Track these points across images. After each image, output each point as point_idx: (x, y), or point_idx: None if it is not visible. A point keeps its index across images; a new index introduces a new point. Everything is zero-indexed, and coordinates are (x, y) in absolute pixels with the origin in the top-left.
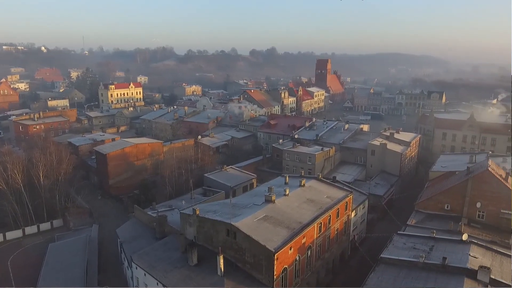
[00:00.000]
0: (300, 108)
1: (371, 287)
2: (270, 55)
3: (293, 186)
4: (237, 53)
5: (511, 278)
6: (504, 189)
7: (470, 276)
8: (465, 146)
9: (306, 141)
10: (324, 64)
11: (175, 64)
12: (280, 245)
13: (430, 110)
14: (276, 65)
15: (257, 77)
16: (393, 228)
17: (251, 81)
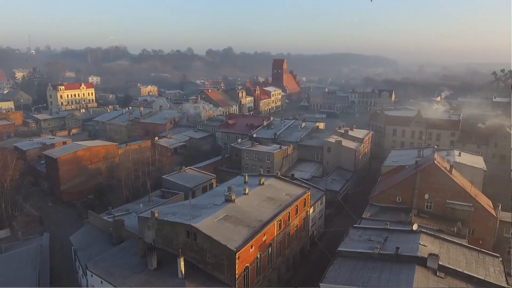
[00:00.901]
0: (257, 107)
1: (329, 280)
2: (227, 55)
3: (253, 185)
4: (193, 53)
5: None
6: (449, 180)
7: (420, 263)
8: (413, 141)
9: (264, 140)
10: (280, 64)
11: (129, 64)
12: (241, 244)
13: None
14: (233, 64)
15: (214, 77)
16: (349, 222)
17: (208, 81)
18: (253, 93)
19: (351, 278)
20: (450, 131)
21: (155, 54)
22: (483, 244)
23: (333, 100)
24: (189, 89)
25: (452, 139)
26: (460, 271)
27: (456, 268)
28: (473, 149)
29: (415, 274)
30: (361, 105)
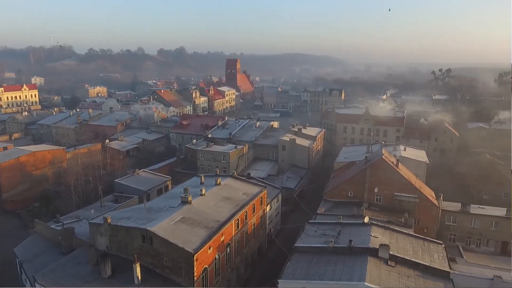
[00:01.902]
0: (212, 107)
1: (287, 276)
2: (179, 54)
3: (209, 185)
4: (144, 53)
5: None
6: (396, 174)
7: (372, 254)
8: (362, 138)
9: (219, 140)
10: (234, 64)
11: (76, 64)
12: (199, 245)
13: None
14: (186, 64)
15: (166, 77)
16: (305, 218)
17: (161, 81)
18: (207, 93)
19: (308, 272)
20: (395, 128)
21: (103, 53)
22: (428, 232)
23: (286, 99)
24: (141, 90)
25: (398, 135)
26: (408, 259)
27: (404, 256)
28: (417, 143)
29: (367, 265)
30: (313, 103)
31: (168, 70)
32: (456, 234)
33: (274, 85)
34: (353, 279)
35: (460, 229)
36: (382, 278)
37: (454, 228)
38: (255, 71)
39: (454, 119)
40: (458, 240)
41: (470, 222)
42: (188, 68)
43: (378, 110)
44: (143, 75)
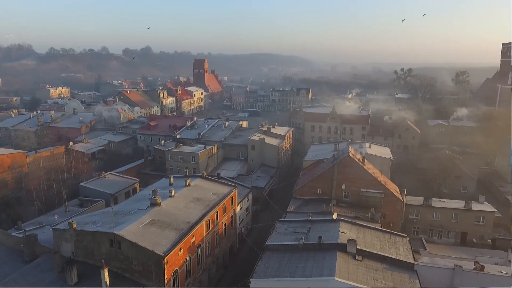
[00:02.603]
0: (180, 107)
1: (259, 275)
2: (146, 54)
3: (179, 186)
4: (108, 52)
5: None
6: (362, 171)
7: (341, 249)
8: (330, 136)
9: (188, 141)
10: (202, 64)
11: (36, 64)
12: (169, 247)
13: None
14: (152, 64)
15: (132, 77)
16: (275, 216)
17: (127, 81)
18: (175, 93)
19: (279, 270)
20: (361, 126)
21: (65, 53)
22: (393, 226)
23: (255, 99)
24: (106, 90)
25: (363, 133)
26: (375, 253)
27: (372, 250)
28: (381, 141)
29: (336, 260)
30: (282, 103)
31: (134, 70)
32: (419, 227)
33: (242, 85)
34: (323, 274)
35: (423, 222)
36: (350, 272)
37: (418, 221)
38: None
39: (416, 117)
40: (421, 232)
41: (432, 215)
42: (154, 68)
43: (344, 109)
44: (108, 75)
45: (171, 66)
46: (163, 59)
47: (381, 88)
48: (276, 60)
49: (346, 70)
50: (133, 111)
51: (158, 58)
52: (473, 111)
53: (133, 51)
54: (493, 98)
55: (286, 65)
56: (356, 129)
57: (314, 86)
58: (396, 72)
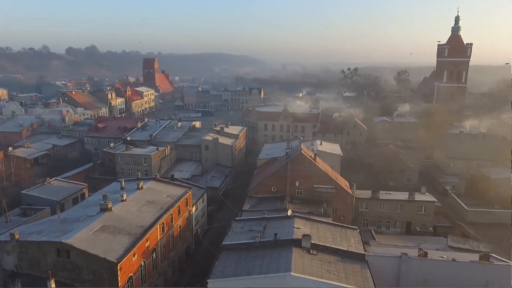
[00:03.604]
0: (130, 108)
1: (217, 275)
2: (91, 53)
3: (131, 190)
4: (50, 51)
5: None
6: (314, 167)
7: (296, 245)
8: (282, 134)
9: (140, 142)
10: (151, 63)
11: None
12: (122, 253)
13: (252, 104)
14: (98, 64)
15: (77, 78)
16: (231, 216)
17: (71, 82)
18: (124, 94)
19: (237, 269)
20: (312, 123)
21: (1, 52)
22: (344, 219)
23: (207, 98)
24: (48, 92)
25: (314, 130)
26: (328, 246)
27: (325, 244)
28: (331, 137)
29: (292, 255)
30: (234, 102)
31: (79, 70)
32: (368, 219)
33: (194, 85)
34: (279, 270)
35: (372, 214)
36: (306, 266)
37: (367, 214)
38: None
39: (363, 114)
40: (370, 224)
41: (380, 207)
42: (101, 68)
43: (296, 107)
44: (50, 75)
45: (119, 66)
46: (110, 58)
47: (329, 87)
48: (227, 60)
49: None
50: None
51: (104, 57)
52: (413, 108)
53: (77, 50)
54: (431, 96)
55: (237, 65)
56: (307, 127)
57: (266, 86)
58: (343, 71)
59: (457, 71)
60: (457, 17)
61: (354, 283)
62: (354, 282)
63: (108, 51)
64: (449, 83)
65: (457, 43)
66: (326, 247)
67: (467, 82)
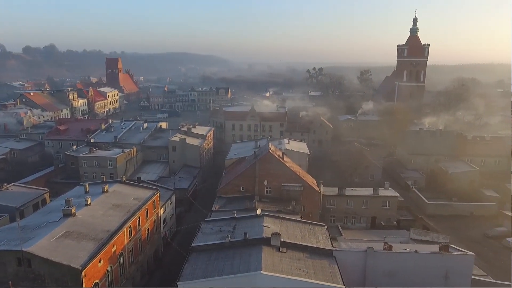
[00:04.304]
0: (93, 110)
1: (186, 277)
2: (50, 52)
3: (95, 193)
4: (5, 50)
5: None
6: (282, 166)
7: (266, 243)
8: (250, 134)
9: (104, 145)
10: (115, 63)
11: None
12: (87, 260)
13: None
14: (58, 64)
15: (36, 78)
16: (200, 217)
17: (29, 83)
18: (86, 94)
19: (207, 270)
20: (279, 123)
21: None
22: (312, 216)
23: (174, 99)
24: (4, 93)
25: (281, 129)
26: (297, 243)
27: (294, 241)
28: (298, 136)
29: (262, 254)
30: (201, 102)
31: (37, 70)
32: (335, 215)
33: (160, 85)
34: (250, 269)
35: (338, 210)
36: (275, 264)
37: (334, 210)
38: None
39: (328, 113)
40: (337, 220)
41: (346, 203)
42: (61, 68)
43: (263, 107)
44: (6, 75)
45: (80, 66)
46: (70, 58)
47: (295, 87)
48: (194, 60)
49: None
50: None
51: (64, 57)
52: (376, 106)
53: (35, 49)
54: (392, 94)
55: (204, 65)
56: (274, 126)
57: (232, 85)
58: (309, 71)
59: (416, 71)
60: (415, 19)
61: (323, 279)
62: (323, 277)
63: (69, 50)
64: (408, 82)
65: (415, 44)
66: (295, 245)
67: (425, 81)
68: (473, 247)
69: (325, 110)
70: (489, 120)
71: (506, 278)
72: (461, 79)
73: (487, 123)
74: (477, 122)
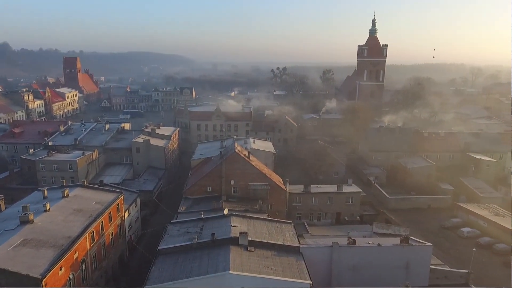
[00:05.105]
0: (50, 111)
1: (154, 281)
2: (2, 51)
3: (55, 199)
4: None
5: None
6: (249, 165)
7: (234, 243)
8: (216, 134)
9: (63, 147)
10: (73, 63)
11: None
12: (47, 268)
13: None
14: (12, 63)
15: None
16: (167, 219)
17: None
18: (43, 95)
19: (174, 273)
20: (245, 122)
21: None
22: (279, 214)
23: (137, 99)
24: None
25: (247, 129)
26: (265, 242)
27: (262, 240)
28: (264, 135)
29: (230, 254)
30: (165, 103)
31: None
32: (301, 212)
33: (122, 85)
34: (218, 270)
35: (304, 207)
36: (244, 263)
37: (300, 208)
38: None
39: (293, 112)
40: (303, 217)
41: (311, 200)
42: (15, 67)
43: (228, 107)
44: None
45: (36, 66)
46: (25, 57)
47: (260, 86)
48: (157, 59)
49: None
50: None
51: (19, 56)
52: (339, 105)
53: None
54: (354, 93)
55: (167, 64)
56: (240, 125)
57: (197, 85)
58: (273, 70)
59: (375, 70)
60: (374, 20)
61: (291, 276)
62: (290, 274)
63: (23, 49)
64: (369, 82)
65: (375, 44)
66: (263, 243)
67: (384, 80)
68: (431, 238)
69: (290, 109)
70: (443, 117)
71: (461, 266)
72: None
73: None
74: (432, 119)
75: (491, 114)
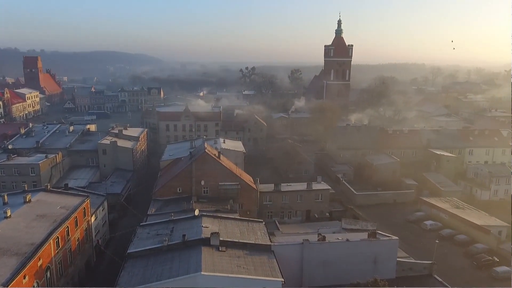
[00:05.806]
0: (10, 113)
1: (123, 285)
2: None
3: (16, 204)
4: None
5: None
6: (219, 165)
7: (205, 244)
8: (185, 134)
9: (24, 151)
10: (34, 62)
11: None
12: (10, 277)
13: (152, 105)
14: None
15: None
16: (136, 222)
17: None
18: (1, 96)
19: (145, 277)
20: (214, 122)
21: None
22: (250, 214)
23: (102, 100)
24: None
25: (217, 129)
26: (236, 241)
27: (233, 239)
28: (234, 135)
29: (202, 255)
30: (132, 103)
31: None
32: (272, 211)
33: (86, 85)
34: (190, 271)
35: (275, 206)
36: (216, 263)
37: (270, 206)
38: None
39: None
40: (274, 215)
41: (282, 198)
42: None
43: (197, 107)
44: None
45: None
46: None
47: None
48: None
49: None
50: None
51: None
52: (307, 104)
53: None
54: (321, 92)
55: (134, 64)
56: (210, 125)
57: (165, 85)
58: (242, 70)
59: (341, 70)
60: (339, 21)
61: (263, 274)
62: (262, 273)
63: None
64: (335, 81)
65: (341, 45)
66: (234, 243)
67: (350, 79)
68: (397, 232)
69: (260, 108)
70: (406, 115)
71: (425, 258)
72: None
73: (405, 117)
74: (396, 117)
75: (450, 112)
